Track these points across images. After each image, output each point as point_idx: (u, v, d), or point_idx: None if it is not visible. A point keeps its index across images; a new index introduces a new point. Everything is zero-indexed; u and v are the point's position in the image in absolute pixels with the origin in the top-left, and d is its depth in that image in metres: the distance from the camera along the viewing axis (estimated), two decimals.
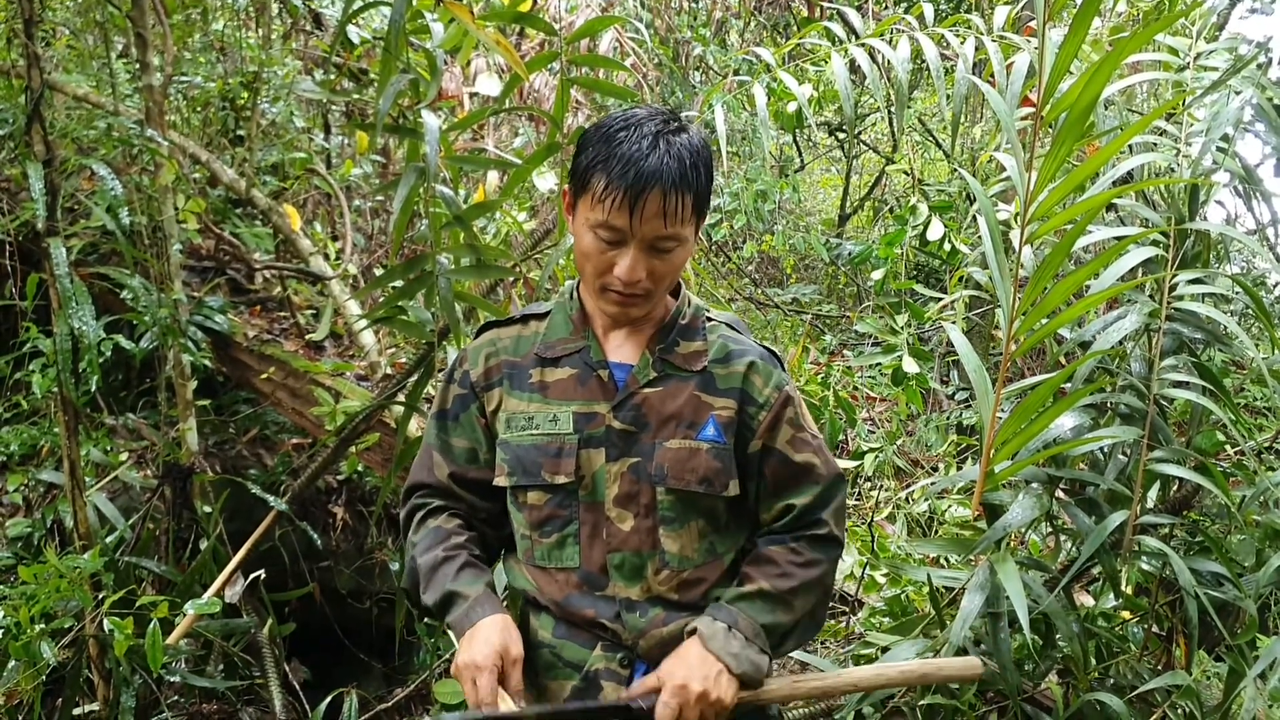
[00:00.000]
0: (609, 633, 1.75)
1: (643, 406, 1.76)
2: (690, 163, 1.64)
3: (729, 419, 1.77)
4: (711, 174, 1.71)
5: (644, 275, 1.67)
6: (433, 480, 1.87)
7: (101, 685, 3.06)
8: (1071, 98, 2.12)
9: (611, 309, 1.75)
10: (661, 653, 1.73)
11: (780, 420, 1.79)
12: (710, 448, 1.75)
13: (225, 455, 4.20)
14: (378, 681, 4.41)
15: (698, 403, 1.76)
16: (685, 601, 1.77)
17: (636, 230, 1.64)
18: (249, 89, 4.75)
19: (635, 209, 1.62)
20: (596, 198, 1.64)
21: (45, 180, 2.86)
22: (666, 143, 1.64)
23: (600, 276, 1.71)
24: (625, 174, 1.61)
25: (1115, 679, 2.70)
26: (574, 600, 1.75)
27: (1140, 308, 2.60)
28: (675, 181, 1.61)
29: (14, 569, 3.69)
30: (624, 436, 1.75)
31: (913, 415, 5.85)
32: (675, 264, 1.70)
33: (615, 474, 1.74)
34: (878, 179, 9.36)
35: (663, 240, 1.65)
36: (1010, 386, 2.64)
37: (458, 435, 1.86)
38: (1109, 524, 2.45)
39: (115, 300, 3.93)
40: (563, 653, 1.78)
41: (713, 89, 4.45)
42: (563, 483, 1.75)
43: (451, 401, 1.88)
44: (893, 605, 3.45)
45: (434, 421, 1.89)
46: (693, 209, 1.66)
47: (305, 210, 5.20)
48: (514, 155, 4.46)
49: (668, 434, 1.74)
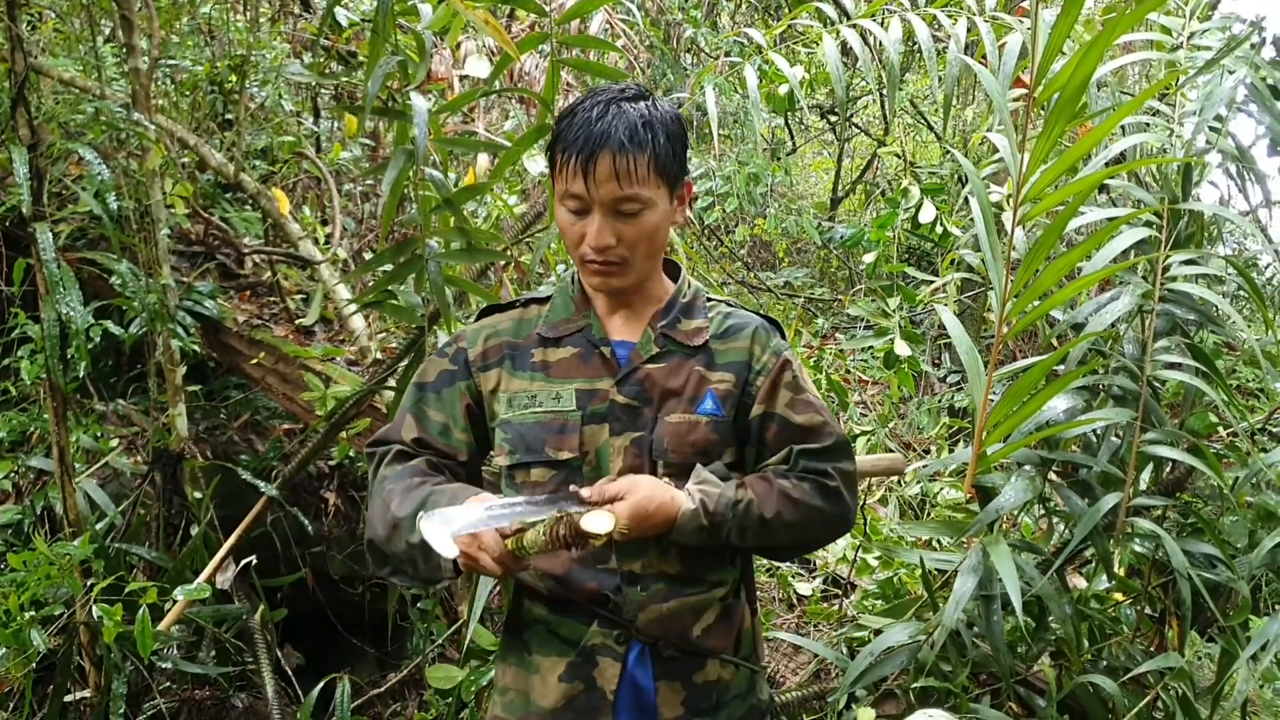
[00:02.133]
0: (609, 607, 1.74)
1: (645, 382, 1.77)
2: (642, 123, 1.66)
3: (727, 391, 1.78)
4: (677, 138, 1.72)
5: (613, 241, 1.69)
6: (397, 438, 1.86)
7: (93, 672, 3.05)
8: (1064, 78, 2.11)
9: (593, 280, 1.77)
10: (660, 630, 1.73)
11: (779, 385, 1.79)
12: (709, 421, 1.76)
13: (216, 441, 4.18)
14: (371, 666, 4.41)
15: (699, 377, 1.78)
16: (687, 576, 1.76)
17: (594, 194, 1.66)
18: (237, 72, 4.71)
19: (588, 173, 1.65)
20: (558, 170, 1.69)
21: (31, 165, 2.83)
22: (618, 108, 1.67)
23: (577, 248, 1.73)
24: (575, 140, 1.65)
25: (1108, 661, 2.71)
26: (575, 574, 1.74)
27: (1133, 289, 2.60)
28: (624, 142, 1.64)
29: (3, 556, 3.68)
30: (627, 411, 1.75)
31: (904, 398, 5.85)
32: (645, 228, 1.70)
33: (619, 448, 1.74)
34: (869, 162, 9.34)
35: (623, 202, 1.67)
36: (1002, 369, 2.64)
37: (434, 408, 1.86)
38: (1102, 506, 2.45)
39: (104, 285, 3.91)
40: (559, 629, 1.77)
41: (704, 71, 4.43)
42: (566, 458, 1.75)
43: (437, 376, 1.88)
44: (885, 588, 3.46)
45: (413, 389, 1.89)
46: (651, 169, 1.67)
47: (294, 194, 5.18)
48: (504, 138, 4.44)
49: (669, 409, 1.75)
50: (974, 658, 2.67)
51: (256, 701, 3.75)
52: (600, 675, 1.73)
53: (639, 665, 1.75)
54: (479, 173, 4.43)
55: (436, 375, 1.88)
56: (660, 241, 1.76)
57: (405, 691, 4.05)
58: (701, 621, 1.77)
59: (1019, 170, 2.27)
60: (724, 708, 1.80)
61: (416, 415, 1.86)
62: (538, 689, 1.77)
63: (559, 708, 1.75)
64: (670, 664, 1.76)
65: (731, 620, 1.83)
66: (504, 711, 1.84)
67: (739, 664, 1.83)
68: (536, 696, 1.77)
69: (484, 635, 2.94)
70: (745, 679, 1.85)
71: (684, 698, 1.76)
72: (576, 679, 1.75)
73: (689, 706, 1.76)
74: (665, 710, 1.75)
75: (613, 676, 1.73)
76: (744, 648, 1.86)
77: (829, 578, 4.25)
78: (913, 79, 8.00)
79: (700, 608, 1.77)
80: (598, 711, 1.73)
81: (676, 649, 1.75)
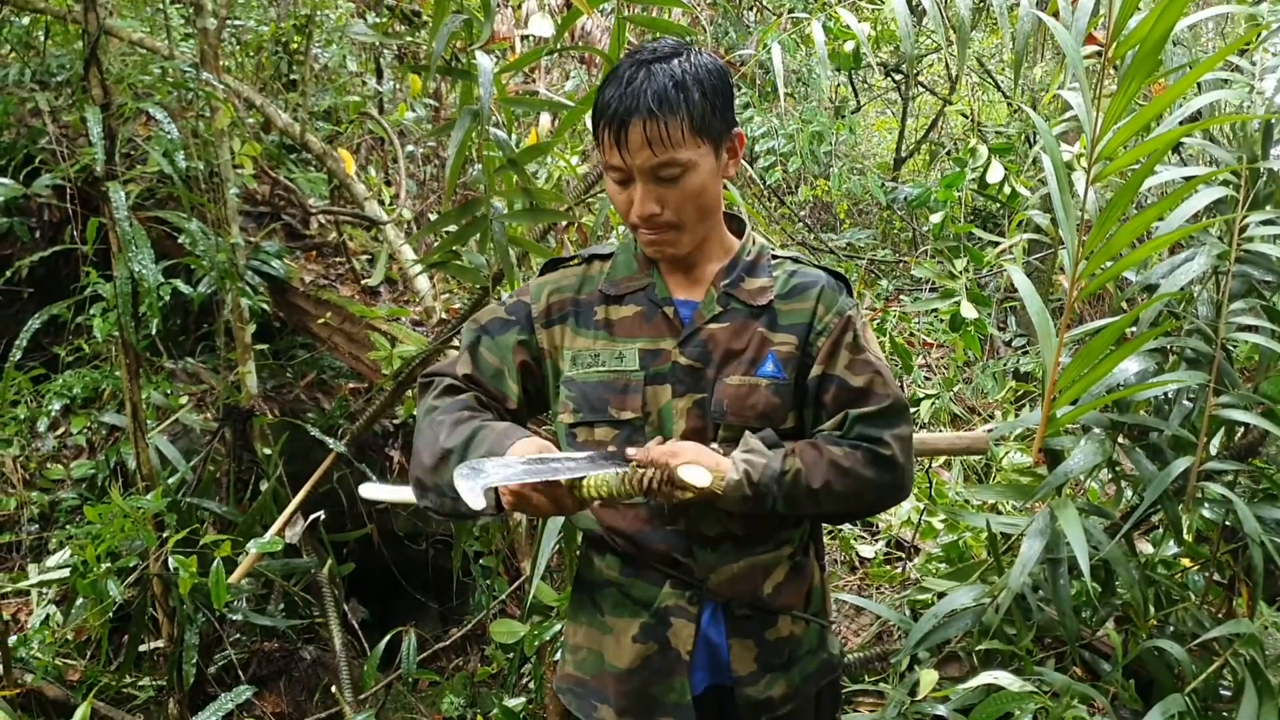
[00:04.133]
0: (680, 568, 1.74)
1: (708, 342, 1.74)
2: (672, 85, 1.61)
3: (789, 354, 1.74)
4: (716, 91, 1.67)
5: (657, 208, 1.66)
6: (450, 372, 1.84)
7: (166, 623, 3.13)
8: (1142, 32, 2.05)
9: (648, 247, 1.75)
10: (732, 589, 1.73)
11: (839, 345, 1.75)
12: (769, 384, 1.72)
13: (283, 399, 4.25)
14: (434, 621, 4.48)
15: (760, 339, 1.74)
16: (754, 536, 1.75)
17: (631, 163, 1.64)
18: (302, 32, 4.74)
19: (621, 143, 1.62)
20: (598, 142, 1.68)
21: (103, 125, 2.87)
22: (648, 72, 1.63)
23: (627, 217, 1.72)
24: (608, 110, 1.63)
25: (1175, 627, 2.67)
26: (646, 535, 1.74)
27: (1209, 249, 2.54)
28: (652, 108, 1.60)
29: (80, 509, 3.79)
30: (690, 372, 1.73)
31: (969, 361, 5.79)
32: (689, 190, 1.67)
33: (681, 410, 1.72)
34: (934, 121, 9.19)
35: (662, 168, 1.63)
36: (1073, 331, 2.59)
37: (489, 351, 1.84)
38: (1173, 470, 2.41)
39: (173, 245, 3.97)
40: (631, 590, 1.77)
41: (768, 28, 4.38)
42: (629, 418, 1.74)
43: (493, 322, 1.86)
44: (949, 551, 3.44)
45: (470, 329, 1.87)
46: (686, 130, 1.63)
47: (359, 155, 5.21)
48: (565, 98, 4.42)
49: (729, 370, 1.73)
50: (1038, 621, 2.65)
51: (324, 654, 3.84)
52: (675, 636, 1.74)
53: (712, 624, 1.76)
54: (541, 133, 4.43)
55: (493, 320, 1.86)
56: (710, 200, 1.73)
57: (467, 645, 4.11)
58: (772, 579, 1.77)
59: (1093, 128, 2.21)
60: (796, 663, 1.81)
61: (472, 354, 1.84)
62: (611, 649, 1.78)
63: (635, 667, 1.76)
64: (743, 622, 1.76)
65: (802, 577, 1.82)
66: (576, 670, 1.85)
67: (809, 619, 1.83)
68: (611, 657, 1.78)
69: (546, 592, 2.97)
70: (816, 634, 1.85)
71: (756, 654, 1.76)
72: (651, 640, 1.75)
73: (761, 663, 1.77)
74: (738, 667, 1.75)
75: (688, 637, 1.73)
76: (814, 603, 1.86)
77: (891, 540, 4.23)
78: (978, 36, 7.85)
79: (770, 566, 1.77)
80: (673, 671, 1.74)
81: (749, 607, 1.75)
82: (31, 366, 4.24)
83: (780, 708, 1.79)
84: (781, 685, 1.78)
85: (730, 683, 1.76)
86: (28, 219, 4.32)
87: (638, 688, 1.76)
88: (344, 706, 3.21)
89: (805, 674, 1.82)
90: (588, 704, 1.82)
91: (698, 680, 1.75)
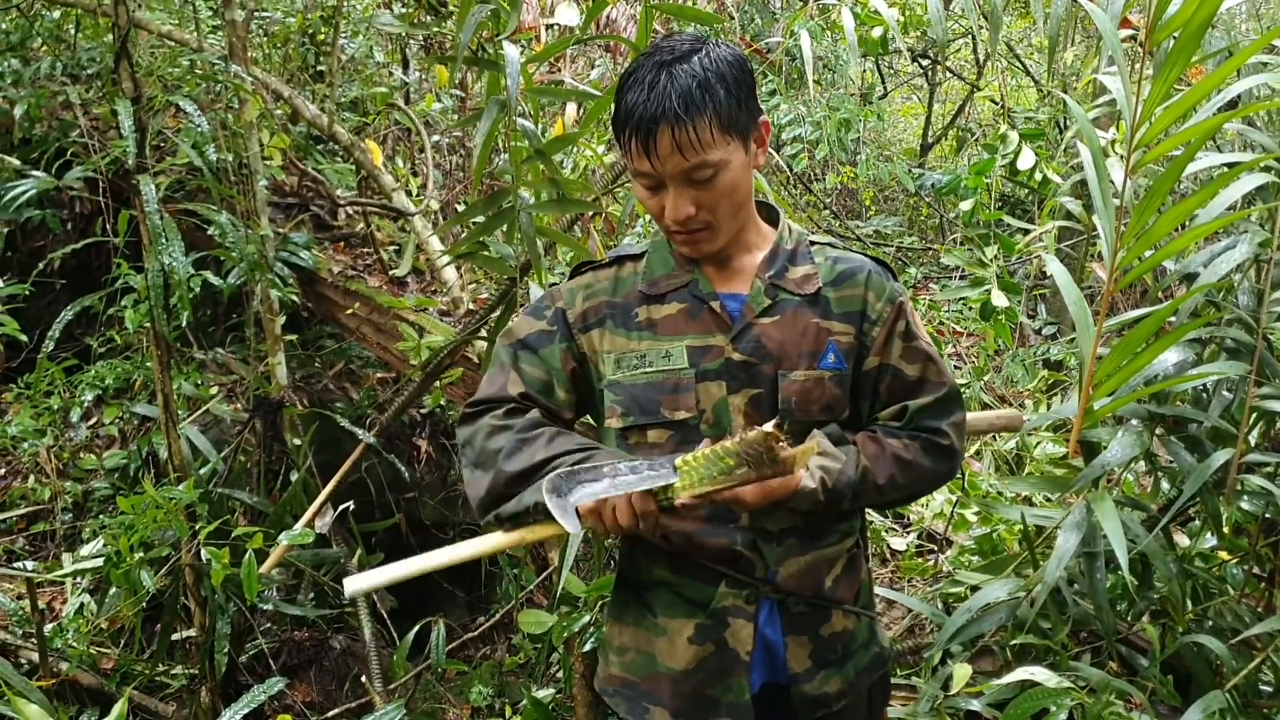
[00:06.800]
0: (741, 565, 1.71)
1: (762, 337, 1.71)
2: (697, 86, 1.57)
3: (848, 344, 1.73)
4: (740, 84, 1.63)
5: (692, 210, 1.63)
6: (504, 394, 1.79)
7: (198, 612, 3.15)
8: (1185, 16, 2.01)
9: (683, 249, 1.73)
10: (798, 583, 1.72)
11: (893, 334, 1.74)
12: (832, 375, 1.71)
13: (312, 389, 4.27)
14: (462, 611, 4.49)
15: (817, 329, 1.72)
16: (817, 529, 1.74)
17: (661, 170, 1.61)
18: (329, 24, 4.74)
19: (650, 152, 1.59)
20: (624, 150, 1.64)
21: (134, 118, 2.88)
22: (669, 74, 1.58)
23: (660, 221, 1.69)
24: (630, 121, 1.59)
25: (1214, 621, 2.64)
26: (705, 532, 1.71)
27: (1250, 237, 2.49)
28: (679, 113, 1.56)
29: (113, 499, 3.81)
30: (744, 368, 1.70)
31: (999, 350, 5.74)
32: (723, 189, 1.64)
33: (738, 407, 1.69)
34: (961, 107, 9.11)
35: (694, 171, 1.60)
36: (1111, 320, 2.55)
37: (532, 365, 1.80)
38: (1212, 462, 2.37)
39: (202, 236, 3.99)
40: (684, 590, 1.74)
41: (795, 15, 4.34)
42: (684, 418, 1.70)
43: (532, 335, 1.82)
44: (983, 544, 3.41)
45: (506, 348, 1.83)
46: (715, 130, 1.59)
47: (386, 146, 5.21)
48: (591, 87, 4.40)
49: (790, 365, 1.70)
50: (1074, 616, 2.62)
51: (353, 643, 3.85)
52: (733, 636, 1.71)
53: (769, 623, 1.73)
54: (567, 123, 4.41)
55: (533, 333, 1.82)
56: (744, 194, 1.70)
57: (495, 635, 4.12)
58: (833, 572, 1.76)
59: (1133, 114, 2.18)
60: (850, 657, 1.79)
61: (516, 370, 1.80)
62: (664, 651, 1.75)
63: (691, 669, 1.73)
64: (798, 619, 1.74)
65: (856, 570, 1.81)
66: (624, 671, 1.82)
67: (860, 613, 1.82)
68: (664, 659, 1.75)
69: (574, 583, 2.96)
70: (867, 627, 1.84)
71: (811, 651, 1.74)
72: (708, 641, 1.72)
73: (816, 659, 1.75)
74: (794, 665, 1.74)
75: (747, 637, 1.71)
76: (863, 597, 1.84)
77: (923, 533, 4.20)
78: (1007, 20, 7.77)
79: (833, 559, 1.76)
80: (731, 672, 1.72)
81: (806, 603, 1.73)
82: (64, 357, 4.28)
83: (835, 703, 1.77)
84: (837, 681, 1.77)
85: (787, 680, 1.74)
86: (60, 211, 4.35)
87: (694, 689, 1.73)
88: (374, 696, 3.22)
89: (859, 668, 1.81)
90: (639, 706, 1.80)
91: (754, 679, 1.73)
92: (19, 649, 3.08)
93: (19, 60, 4.21)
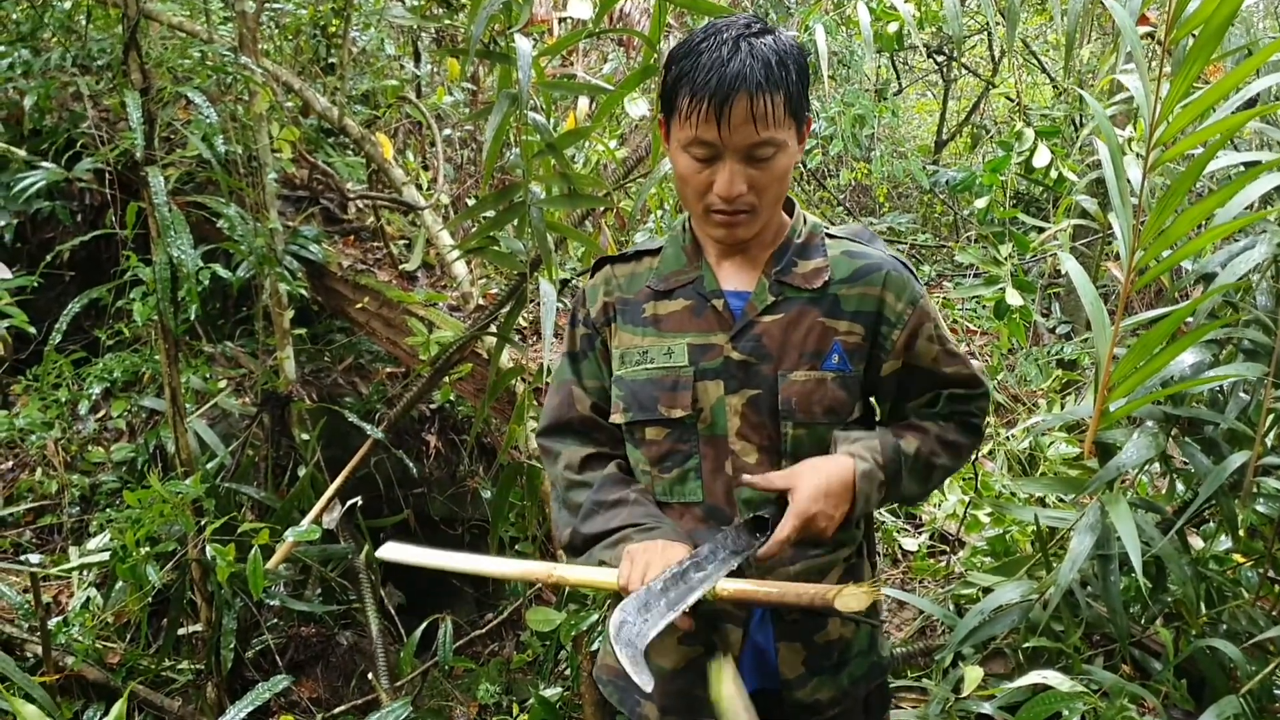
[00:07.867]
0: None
1: (763, 336, 1.68)
2: (776, 60, 1.55)
3: (856, 345, 1.69)
4: (806, 74, 1.61)
5: (744, 188, 1.59)
6: (574, 415, 1.83)
7: (204, 607, 3.14)
8: (1206, 12, 1.98)
9: (717, 231, 1.68)
10: None
11: (918, 336, 1.72)
12: (835, 377, 1.68)
13: (321, 383, 4.25)
14: (470, 607, 4.48)
15: (821, 329, 1.68)
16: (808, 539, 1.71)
17: (728, 140, 1.56)
18: (340, 16, 4.72)
19: (722, 118, 1.54)
20: (684, 115, 1.58)
21: (143, 109, 2.86)
22: (749, 44, 1.55)
23: (701, 198, 1.63)
24: (708, 83, 1.53)
25: (1228, 625, 2.60)
26: (699, 535, 1.69)
27: (1269, 237, 2.45)
28: (761, 82, 1.52)
29: (120, 492, 3.80)
30: (743, 367, 1.68)
31: (1013, 349, 5.70)
32: (776, 173, 1.61)
33: (735, 407, 1.67)
34: (976, 103, 9.06)
35: (758, 147, 1.57)
36: (1127, 320, 2.52)
37: (589, 376, 1.83)
38: (1229, 464, 2.34)
39: (212, 229, 3.98)
40: None
41: (810, 9, 4.30)
42: (680, 416, 1.69)
43: (579, 342, 1.85)
44: (995, 545, 3.37)
45: (566, 361, 1.86)
46: (786, 110, 1.56)
47: (396, 139, 5.19)
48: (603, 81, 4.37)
49: (790, 365, 1.67)
50: (1087, 618, 2.59)
51: (360, 639, 3.84)
52: (722, 640, 1.70)
53: (760, 629, 1.73)
54: (579, 117, 4.39)
55: (579, 342, 1.85)
56: (788, 183, 1.68)
57: (503, 632, 4.10)
58: (826, 581, 1.73)
59: (1151, 112, 2.14)
60: (846, 665, 1.78)
61: (581, 387, 1.84)
62: (656, 649, 1.73)
63: (679, 669, 1.74)
64: (791, 625, 1.73)
65: (855, 579, 1.78)
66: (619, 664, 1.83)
67: (860, 621, 1.79)
68: (656, 656, 1.74)
69: None
70: (866, 636, 1.82)
71: (804, 658, 1.73)
72: (697, 642, 1.72)
73: (810, 666, 1.73)
74: (786, 671, 1.73)
75: (735, 642, 1.71)
76: None
77: (935, 533, 4.17)
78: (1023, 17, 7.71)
79: (826, 568, 1.73)
80: None
81: (799, 610, 1.71)
82: (72, 350, 4.27)
83: (828, 710, 1.76)
84: (830, 688, 1.75)
85: (778, 686, 1.73)
86: (69, 203, 4.34)
87: (683, 689, 1.74)
88: (381, 693, 3.21)
89: (854, 677, 1.79)
90: (631, 699, 1.82)
91: (744, 684, 1.72)
92: (24, 643, 3.07)
93: (29, 51, 4.20)
